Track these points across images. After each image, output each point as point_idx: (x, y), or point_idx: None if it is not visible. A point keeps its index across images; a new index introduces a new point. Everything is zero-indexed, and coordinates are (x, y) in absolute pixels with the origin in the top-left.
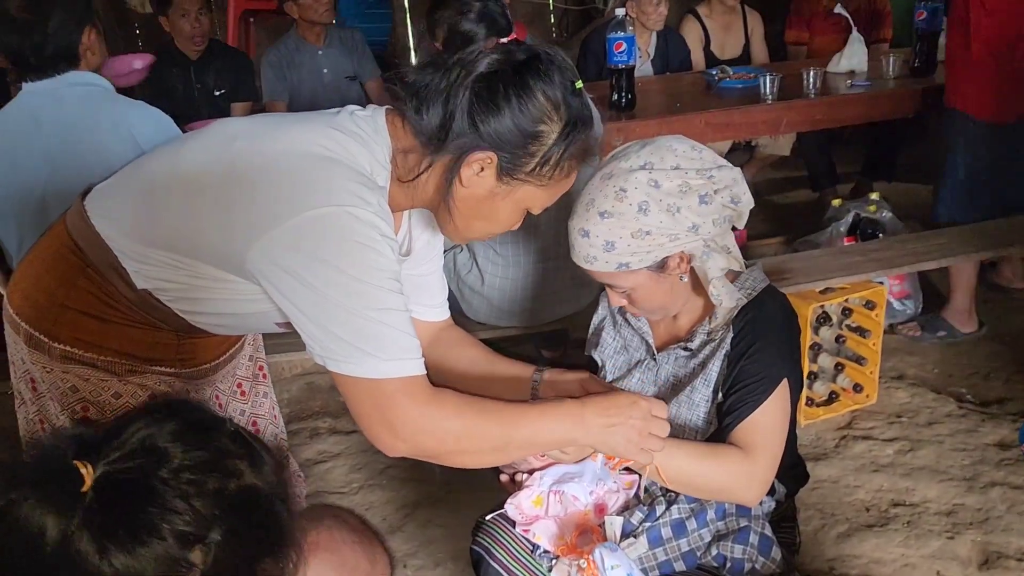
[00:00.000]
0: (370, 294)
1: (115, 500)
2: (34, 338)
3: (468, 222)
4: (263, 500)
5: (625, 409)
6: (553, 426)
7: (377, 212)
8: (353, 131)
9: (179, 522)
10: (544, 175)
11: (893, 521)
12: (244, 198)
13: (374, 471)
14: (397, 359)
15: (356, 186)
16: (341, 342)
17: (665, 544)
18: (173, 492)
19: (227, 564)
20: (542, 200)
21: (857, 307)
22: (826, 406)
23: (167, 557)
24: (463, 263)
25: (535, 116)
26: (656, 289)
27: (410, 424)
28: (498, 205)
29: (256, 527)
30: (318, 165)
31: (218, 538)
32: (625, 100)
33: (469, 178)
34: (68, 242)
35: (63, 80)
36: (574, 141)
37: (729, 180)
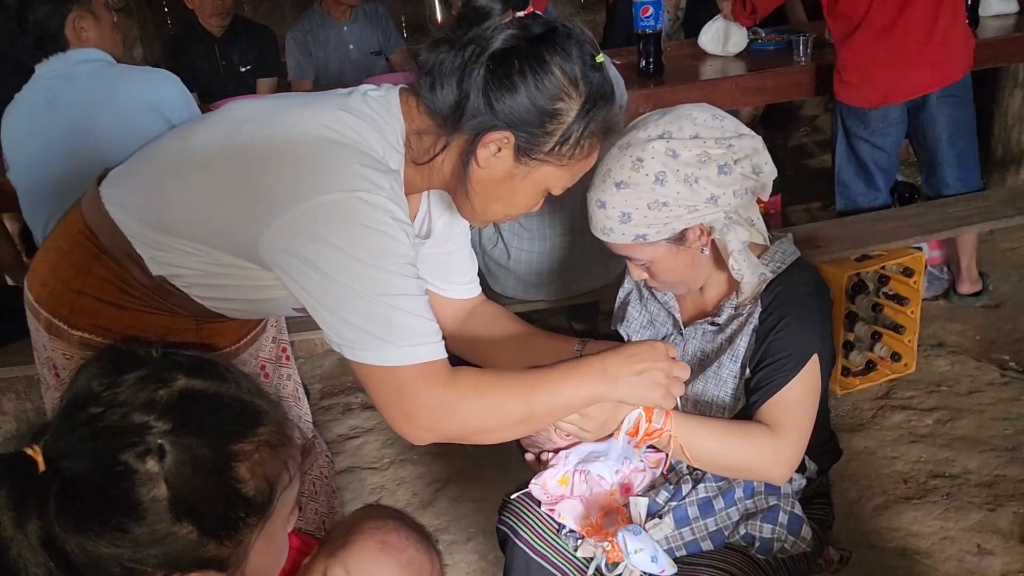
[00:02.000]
0: (383, 280)
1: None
2: (53, 325)
3: (486, 204)
4: (206, 396)
5: (647, 354)
6: (577, 386)
7: (389, 196)
8: (365, 113)
9: (121, 444)
10: (564, 155)
11: (932, 493)
12: (253, 184)
13: (405, 446)
14: (413, 345)
15: (367, 170)
16: (355, 329)
17: (692, 524)
18: (107, 420)
19: (189, 460)
20: (563, 180)
21: (894, 274)
22: (863, 376)
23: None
24: (488, 237)
25: (552, 93)
26: (676, 262)
27: (429, 411)
28: (516, 186)
29: (202, 418)
30: (327, 149)
31: (159, 441)
32: (653, 66)
33: (486, 159)
34: (83, 228)
35: (70, 59)
36: (594, 118)
37: (750, 149)
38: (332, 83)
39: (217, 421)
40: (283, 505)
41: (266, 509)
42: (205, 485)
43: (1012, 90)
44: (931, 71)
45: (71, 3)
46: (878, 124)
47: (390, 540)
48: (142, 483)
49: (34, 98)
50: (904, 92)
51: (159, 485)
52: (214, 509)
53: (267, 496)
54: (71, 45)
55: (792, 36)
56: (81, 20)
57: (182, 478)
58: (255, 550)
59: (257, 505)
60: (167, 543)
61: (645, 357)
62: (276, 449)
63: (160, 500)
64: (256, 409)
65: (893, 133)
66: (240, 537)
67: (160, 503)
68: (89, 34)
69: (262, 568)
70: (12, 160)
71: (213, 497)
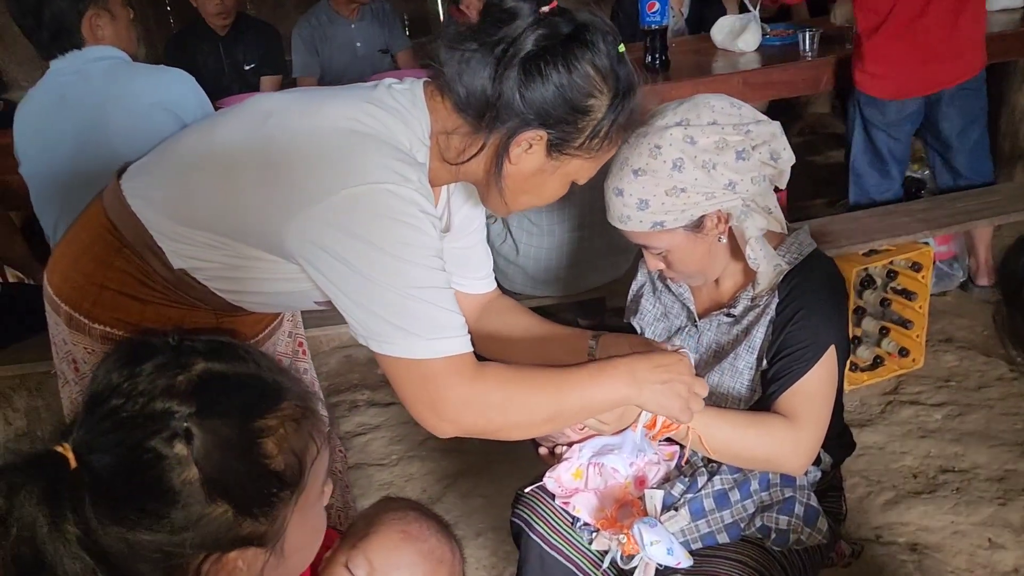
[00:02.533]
0: (411, 272)
1: (95, 456)
2: (74, 319)
3: (515, 196)
4: (225, 377)
5: (674, 366)
6: (604, 388)
7: (417, 189)
8: (391, 106)
9: (147, 431)
10: (593, 147)
11: (942, 488)
12: (280, 177)
13: (414, 443)
14: (441, 338)
15: (395, 163)
16: (383, 322)
17: (708, 516)
18: (130, 410)
19: (216, 440)
20: (589, 171)
21: (903, 269)
22: (871, 371)
23: (160, 458)
24: (497, 233)
25: (585, 90)
26: (693, 250)
27: (455, 404)
28: (546, 180)
29: (224, 397)
30: (355, 142)
31: (184, 424)
32: (659, 61)
33: (518, 156)
34: (104, 222)
35: (85, 56)
36: (623, 110)
37: (767, 135)
38: (337, 81)
39: (239, 400)
40: (314, 477)
41: (297, 482)
42: (235, 463)
43: (1020, 85)
44: (952, 66)
45: (88, 0)
46: (896, 116)
47: (411, 530)
48: (172, 468)
49: (47, 93)
50: (925, 87)
51: (190, 467)
52: (246, 486)
53: (297, 469)
54: (87, 42)
55: (799, 31)
56: (98, 18)
57: (211, 459)
58: (292, 525)
59: (288, 479)
60: (204, 525)
61: (672, 368)
62: (300, 423)
63: (192, 482)
64: (277, 385)
65: (909, 125)
66: (275, 512)
67: (193, 485)
68: (105, 32)
69: (301, 543)
70: (24, 154)
71: (244, 474)
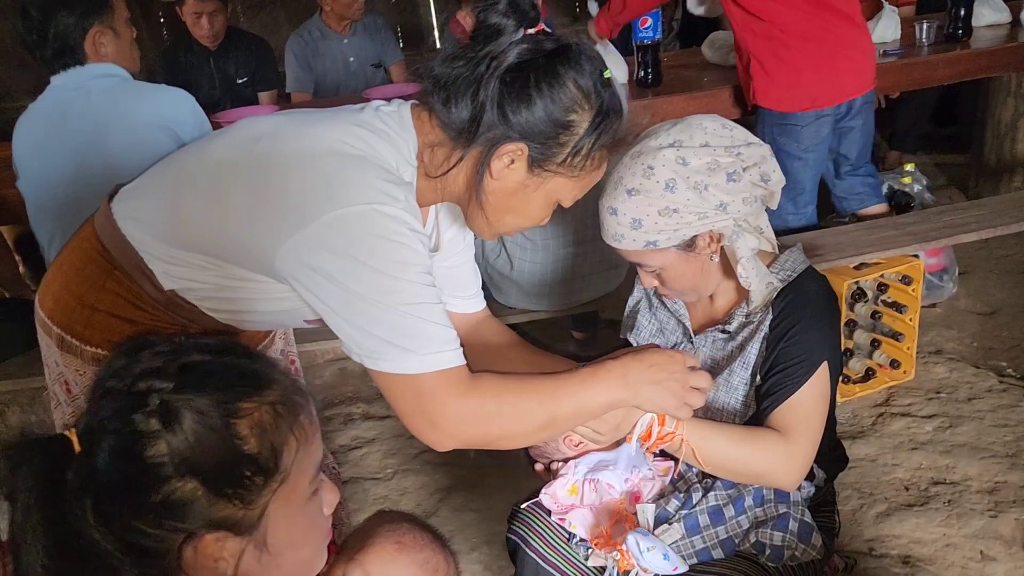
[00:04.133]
0: (403, 290)
1: (92, 436)
2: (66, 341)
3: (499, 216)
4: (211, 363)
5: (667, 364)
6: (598, 391)
7: (404, 207)
8: (379, 128)
9: (129, 407)
10: (575, 166)
11: (933, 500)
12: (270, 199)
13: (408, 456)
14: (434, 352)
15: (383, 183)
16: (377, 339)
17: (702, 531)
18: (120, 389)
19: (189, 416)
20: (573, 192)
21: (893, 282)
22: (862, 383)
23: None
24: (492, 248)
25: (566, 105)
26: (686, 269)
27: (452, 418)
28: (529, 198)
29: (204, 379)
30: (344, 163)
31: (160, 399)
32: (651, 76)
33: (499, 171)
34: (96, 244)
35: (87, 72)
36: (605, 130)
37: (758, 157)
38: (331, 95)
39: (219, 382)
40: (300, 472)
41: (273, 470)
42: (205, 440)
43: (1004, 99)
44: (856, 77)
45: (93, 18)
46: (811, 141)
47: (406, 541)
48: (147, 442)
49: (48, 109)
50: (837, 94)
51: (160, 442)
52: (216, 464)
53: (271, 457)
54: (89, 59)
55: None
56: (101, 35)
57: (182, 434)
58: (276, 517)
59: (262, 464)
60: (174, 501)
61: (664, 366)
62: (280, 413)
63: (162, 456)
64: (263, 375)
65: (823, 148)
66: (250, 497)
67: (163, 459)
68: (108, 49)
69: (291, 540)
70: (22, 169)
71: (213, 451)
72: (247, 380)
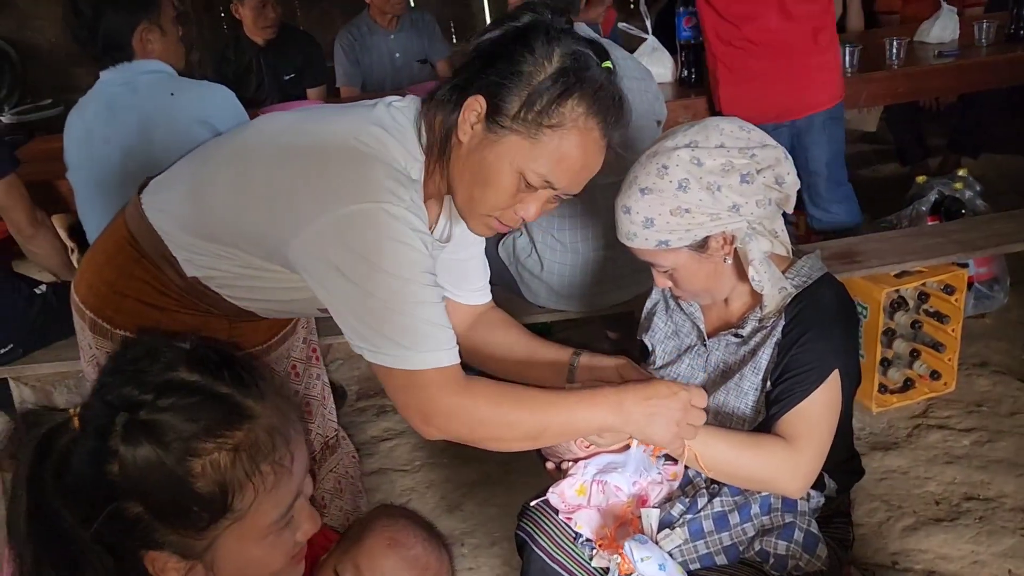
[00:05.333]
0: (406, 290)
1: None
2: (97, 325)
3: (470, 191)
4: (194, 387)
5: (664, 400)
6: (590, 413)
7: (409, 208)
8: (389, 124)
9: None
10: (530, 121)
11: (964, 516)
12: (285, 192)
13: (436, 449)
14: (432, 351)
15: (391, 182)
16: (378, 335)
17: (706, 537)
18: (111, 390)
19: (146, 446)
20: (535, 162)
21: (935, 291)
22: (900, 393)
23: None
24: (523, 248)
25: (526, 59)
26: (698, 270)
27: (443, 413)
28: (489, 162)
29: (178, 405)
30: (355, 160)
31: (124, 421)
32: (694, 76)
33: (465, 131)
34: (125, 234)
35: (135, 68)
36: (569, 90)
37: (772, 159)
38: (379, 90)
39: (190, 414)
40: (259, 511)
41: (222, 510)
42: (158, 471)
43: None
44: (819, 91)
45: (141, 16)
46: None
47: (399, 537)
48: (107, 456)
49: (96, 103)
50: (797, 109)
51: (115, 462)
52: (163, 495)
53: (220, 498)
54: (137, 55)
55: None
56: (149, 32)
57: (135, 460)
58: (225, 550)
59: (209, 503)
60: (123, 519)
61: (660, 402)
62: (240, 456)
63: (114, 475)
64: (238, 412)
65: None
66: (197, 529)
67: (115, 478)
68: (155, 46)
69: (243, 569)
70: (71, 160)
71: (163, 484)
72: (220, 414)
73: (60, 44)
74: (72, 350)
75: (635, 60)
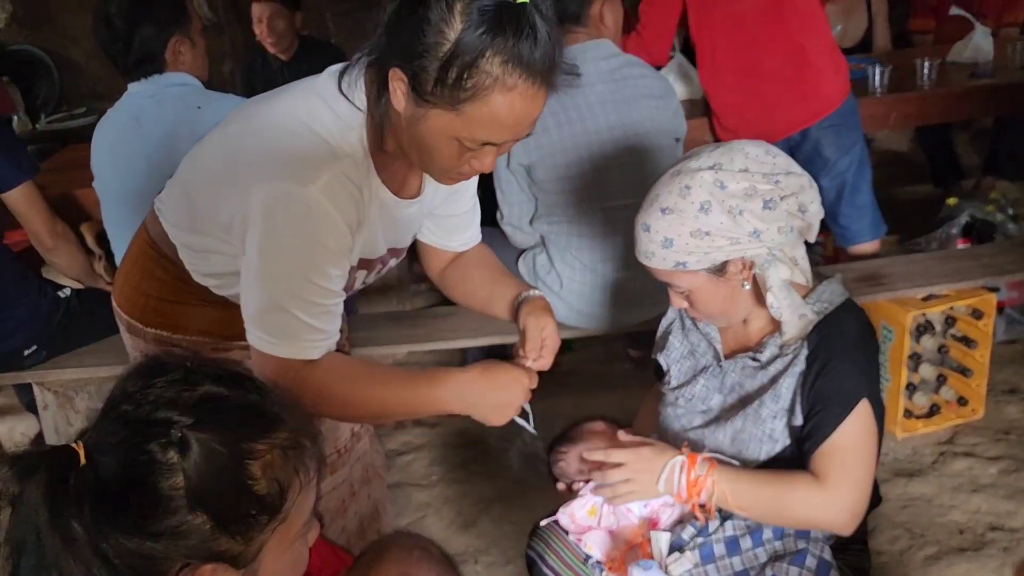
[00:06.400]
0: (295, 287)
1: (100, 455)
2: (132, 326)
3: (419, 158)
4: (226, 399)
5: (506, 390)
6: (434, 398)
7: (325, 188)
8: (328, 93)
9: (147, 435)
10: (447, 94)
11: (989, 546)
12: (227, 172)
13: (453, 464)
14: (299, 343)
15: (310, 160)
16: (258, 316)
17: (717, 561)
18: (136, 415)
19: (206, 453)
20: (465, 129)
21: (962, 316)
22: (926, 419)
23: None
24: (542, 264)
25: (428, 29)
26: (715, 293)
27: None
28: (424, 135)
29: (221, 417)
30: (280, 138)
31: (180, 434)
32: None
33: (398, 101)
34: (146, 238)
35: (163, 81)
36: (480, 52)
37: (796, 187)
38: None
39: (235, 421)
40: (297, 512)
41: (277, 510)
42: (219, 478)
43: None
44: (801, 108)
45: (173, 28)
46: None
47: (411, 572)
48: (163, 473)
49: (124, 114)
50: (776, 132)
51: (178, 475)
52: (226, 502)
53: (278, 498)
54: (168, 67)
55: (869, 65)
56: (180, 44)
57: (199, 470)
58: (268, 553)
59: (268, 504)
60: (183, 533)
61: (504, 390)
62: (289, 454)
63: (178, 489)
64: (274, 416)
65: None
66: (252, 534)
67: (178, 492)
68: (185, 58)
69: (277, 574)
70: (98, 170)
71: (226, 490)
72: (260, 419)
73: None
74: (91, 356)
75: (656, 77)
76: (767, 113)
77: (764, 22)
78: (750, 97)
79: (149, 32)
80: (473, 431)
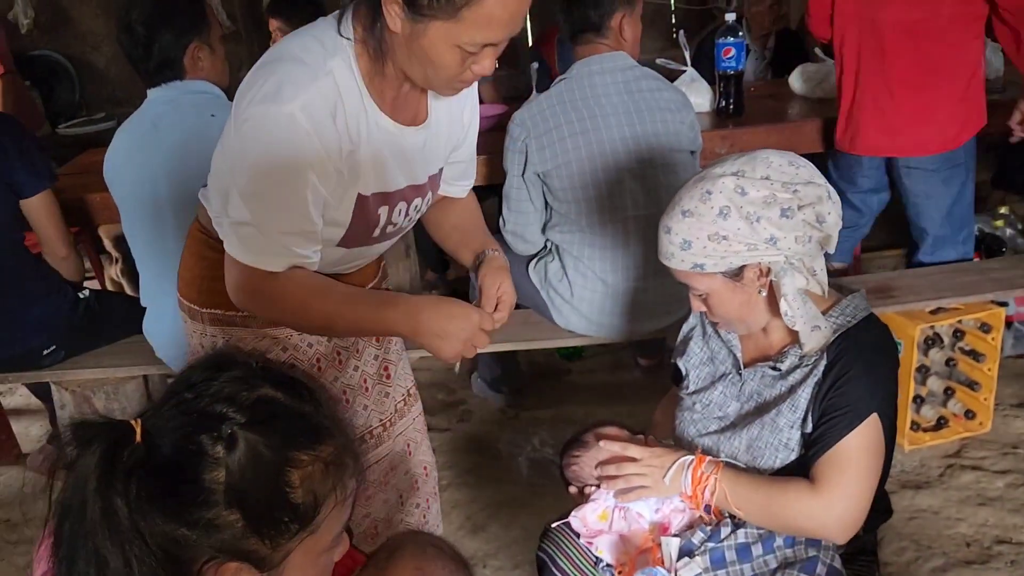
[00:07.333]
0: (268, 205)
1: (155, 436)
2: (192, 311)
3: (423, 72)
4: (281, 405)
5: (457, 320)
6: (383, 315)
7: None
8: (316, 31)
9: (201, 426)
10: (444, 5)
11: (995, 559)
12: None
13: (463, 469)
14: (262, 257)
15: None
16: (234, 224)
17: (727, 567)
18: (195, 405)
19: (250, 453)
20: (465, 34)
21: (971, 329)
22: (934, 431)
23: (201, 453)
24: (554, 272)
25: None
26: (731, 298)
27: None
28: (426, 48)
29: (273, 421)
30: (266, 67)
31: (230, 430)
32: (733, 106)
33: (394, 23)
34: (197, 225)
35: (182, 87)
36: None
37: (814, 197)
38: None
39: (285, 428)
40: (328, 527)
41: (309, 521)
42: (258, 480)
43: None
44: (922, 134)
45: (192, 34)
46: (867, 184)
47: (425, 568)
48: (208, 464)
49: (143, 119)
50: (891, 148)
51: (220, 469)
52: (261, 504)
53: (312, 509)
54: (188, 73)
55: None
56: (199, 51)
57: (241, 468)
58: (293, 562)
59: (301, 514)
60: (215, 526)
61: (455, 320)
62: (330, 470)
63: (219, 483)
64: (323, 429)
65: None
66: (280, 540)
67: (219, 486)
68: (204, 64)
69: None
70: (117, 178)
71: (263, 493)
72: (309, 430)
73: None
74: (109, 357)
75: (673, 90)
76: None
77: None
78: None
79: (168, 38)
80: (483, 436)
